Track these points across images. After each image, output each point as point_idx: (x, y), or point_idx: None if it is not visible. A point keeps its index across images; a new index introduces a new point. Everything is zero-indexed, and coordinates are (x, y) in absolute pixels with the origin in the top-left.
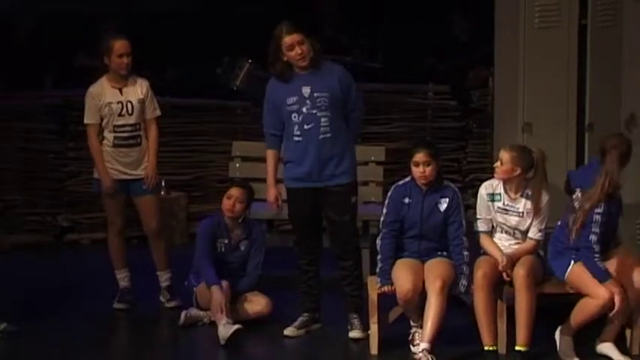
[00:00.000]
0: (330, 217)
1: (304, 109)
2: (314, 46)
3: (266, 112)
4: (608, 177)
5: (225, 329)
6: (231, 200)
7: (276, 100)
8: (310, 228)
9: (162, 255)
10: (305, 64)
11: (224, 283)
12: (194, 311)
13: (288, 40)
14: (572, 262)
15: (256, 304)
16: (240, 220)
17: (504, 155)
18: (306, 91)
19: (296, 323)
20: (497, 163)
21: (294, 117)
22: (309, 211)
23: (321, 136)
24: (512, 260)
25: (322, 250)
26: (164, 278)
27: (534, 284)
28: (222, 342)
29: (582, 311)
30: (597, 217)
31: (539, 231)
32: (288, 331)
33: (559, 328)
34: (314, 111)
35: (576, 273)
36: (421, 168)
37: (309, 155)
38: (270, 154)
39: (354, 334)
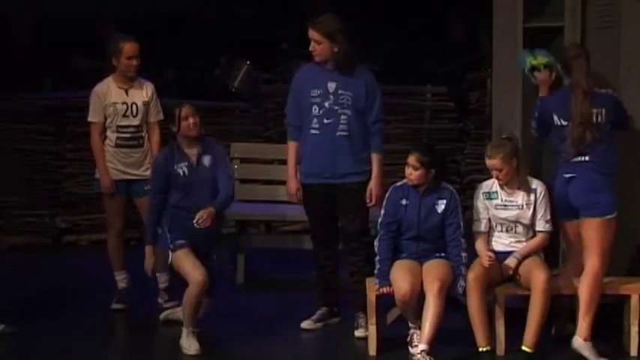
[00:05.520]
0: (342, 214)
1: (326, 104)
2: (342, 50)
3: (289, 101)
4: None
5: (189, 342)
6: (189, 119)
7: (301, 89)
8: (326, 223)
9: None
10: (319, 60)
11: (201, 274)
12: (174, 314)
13: (308, 33)
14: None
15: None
16: (197, 139)
17: (495, 163)
18: (331, 86)
19: (314, 317)
20: (495, 173)
21: (315, 109)
22: (324, 207)
23: (339, 133)
24: (522, 258)
25: (339, 245)
26: (162, 280)
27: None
28: (194, 352)
29: (595, 293)
30: None
31: (547, 222)
32: (306, 324)
33: (576, 340)
34: (335, 107)
35: (613, 224)
36: (409, 170)
37: (324, 150)
38: (291, 146)
39: (359, 333)
